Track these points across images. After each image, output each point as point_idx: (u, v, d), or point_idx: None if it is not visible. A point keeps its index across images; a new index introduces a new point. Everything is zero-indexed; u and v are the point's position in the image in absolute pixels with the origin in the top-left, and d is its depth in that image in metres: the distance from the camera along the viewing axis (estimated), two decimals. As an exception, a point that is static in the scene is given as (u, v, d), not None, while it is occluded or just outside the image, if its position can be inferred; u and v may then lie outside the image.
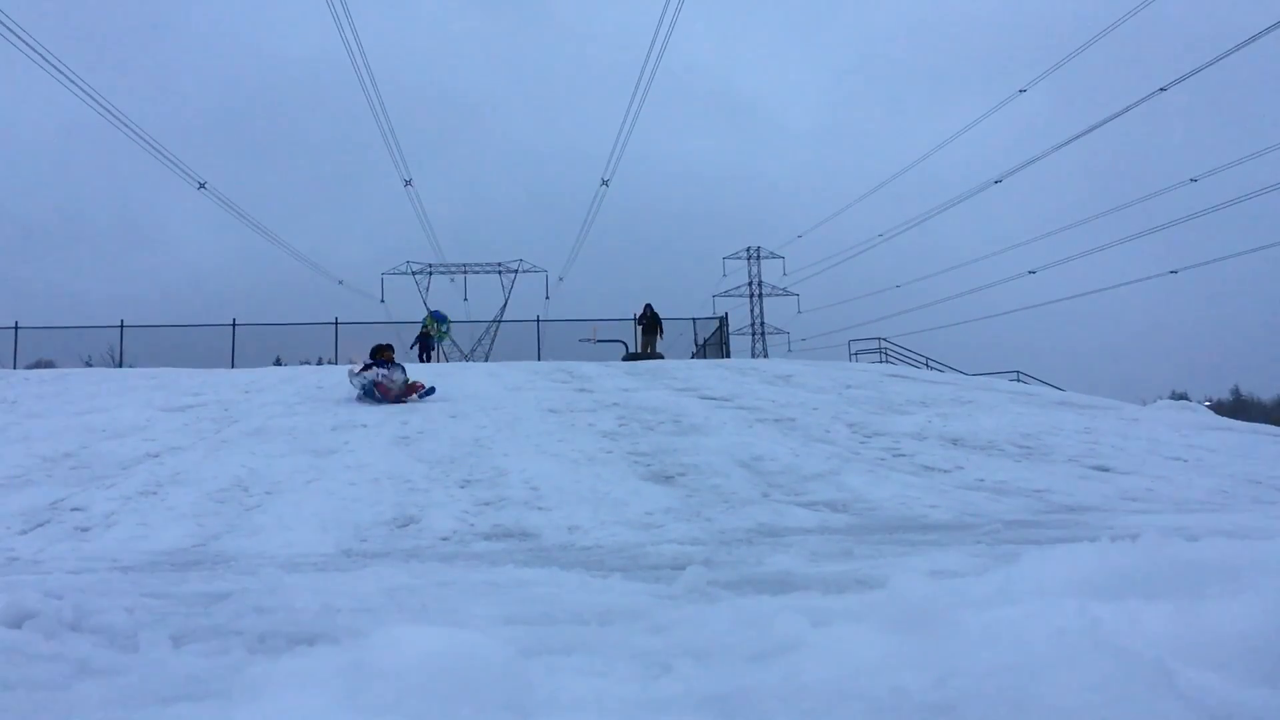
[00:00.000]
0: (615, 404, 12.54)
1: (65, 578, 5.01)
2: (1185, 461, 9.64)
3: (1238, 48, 26.96)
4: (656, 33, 23.97)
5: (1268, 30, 24.87)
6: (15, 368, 23.80)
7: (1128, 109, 31.98)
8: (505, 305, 52.53)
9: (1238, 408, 71.92)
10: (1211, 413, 15.77)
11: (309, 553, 6.23)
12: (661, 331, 27.40)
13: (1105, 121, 33.30)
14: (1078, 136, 35.17)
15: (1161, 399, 21.43)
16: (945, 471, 8.90)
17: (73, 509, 7.48)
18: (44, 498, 7.75)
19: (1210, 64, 28.19)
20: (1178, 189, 34.19)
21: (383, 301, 54.10)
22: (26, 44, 17.29)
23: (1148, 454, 9.94)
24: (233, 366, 23.34)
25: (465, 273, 57.95)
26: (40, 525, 7.05)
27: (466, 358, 40.35)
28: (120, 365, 26.33)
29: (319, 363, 28.14)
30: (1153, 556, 2.17)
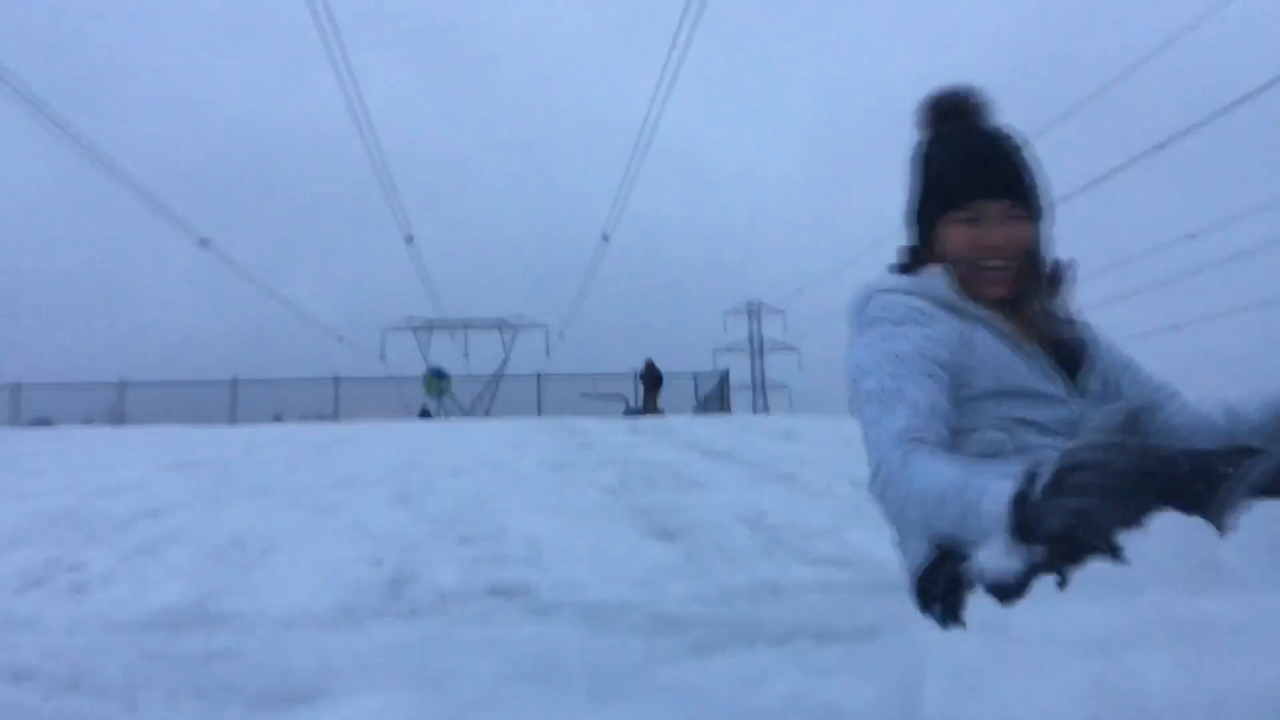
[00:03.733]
0: (616, 460, 12.52)
1: (61, 637, 4.98)
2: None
3: (1233, 105, 27.43)
4: (651, 104, 24.60)
5: (1264, 88, 25.34)
6: (15, 426, 23.77)
7: (1124, 165, 32.43)
8: (505, 361, 52.67)
9: (1241, 462, 71.53)
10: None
11: (307, 610, 6.18)
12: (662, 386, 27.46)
13: (1103, 178, 33.70)
14: (1077, 193, 35.59)
15: (1164, 453, 21.36)
16: (948, 527, 8.86)
17: (69, 568, 7.43)
18: (41, 556, 7.70)
19: (1206, 121, 28.65)
20: (1176, 245, 34.59)
21: (383, 358, 54.24)
22: (31, 103, 17.53)
23: (1151, 509, 9.89)
24: (233, 423, 23.30)
25: (466, 328, 58.19)
26: (36, 584, 7.00)
27: (467, 414, 40.30)
28: (120, 423, 26.30)
29: (319, 419, 28.12)
30: (1158, 609, 2.16)
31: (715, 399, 30.83)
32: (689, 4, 19.82)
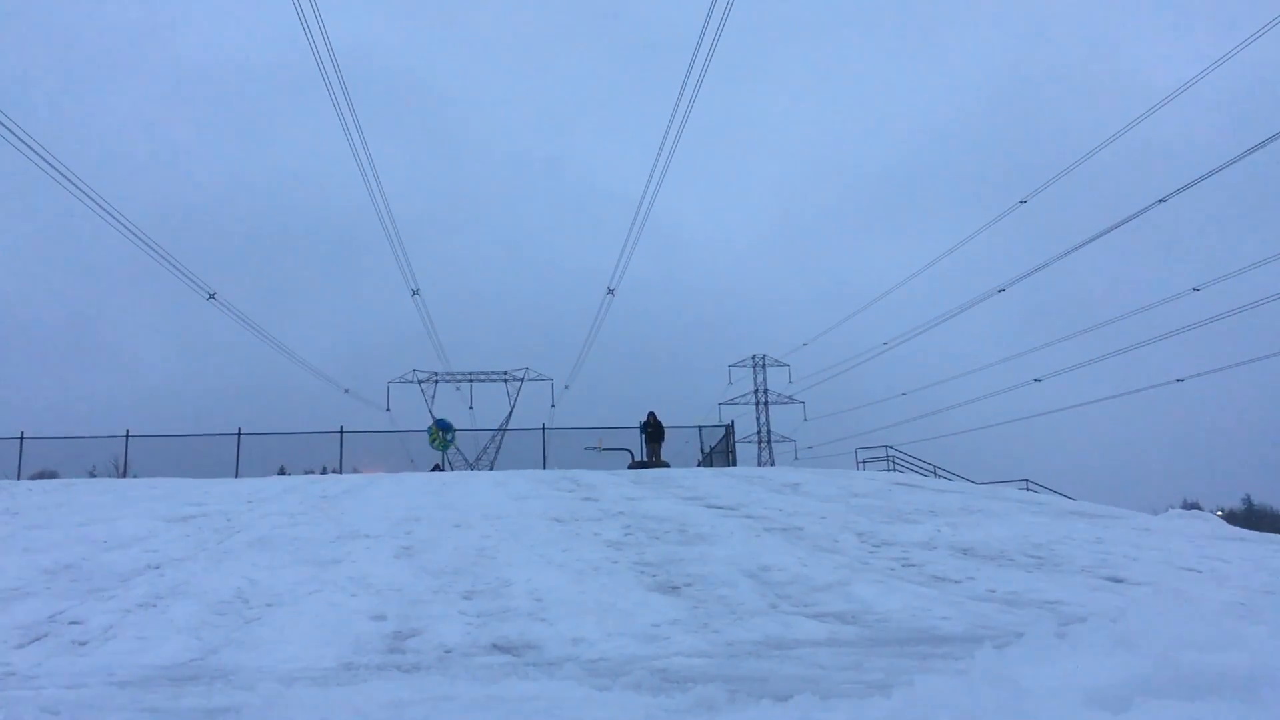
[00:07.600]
0: (621, 513, 12.46)
1: (61, 693, 4.94)
2: (1200, 572, 9.49)
3: (1236, 159, 27.68)
4: (654, 166, 24.93)
5: (1267, 142, 25.57)
6: (19, 478, 23.72)
7: (1128, 219, 32.59)
8: (511, 413, 52.58)
9: (1250, 517, 70.94)
10: (1224, 522, 15.57)
11: (308, 666, 6.13)
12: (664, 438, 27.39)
13: (1106, 231, 33.86)
14: (1078, 247, 35.76)
15: (1173, 508, 21.23)
16: (956, 582, 8.77)
17: (71, 622, 7.38)
18: (43, 610, 7.66)
19: (1209, 175, 28.89)
20: (1181, 298, 34.66)
21: (388, 410, 54.20)
22: (35, 152, 17.66)
23: (1161, 565, 9.80)
24: (236, 476, 23.25)
25: (471, 381, 58.24)
26: (38, 639, 6.95)
27: (471, 466, 40.24)
28: (124, 475, 26.27)
29: (323, 472, 28.05)
30: (1165, 665, 2.15)
31: (720, 452, 30.74)
32: (687, 79, 20.33)
